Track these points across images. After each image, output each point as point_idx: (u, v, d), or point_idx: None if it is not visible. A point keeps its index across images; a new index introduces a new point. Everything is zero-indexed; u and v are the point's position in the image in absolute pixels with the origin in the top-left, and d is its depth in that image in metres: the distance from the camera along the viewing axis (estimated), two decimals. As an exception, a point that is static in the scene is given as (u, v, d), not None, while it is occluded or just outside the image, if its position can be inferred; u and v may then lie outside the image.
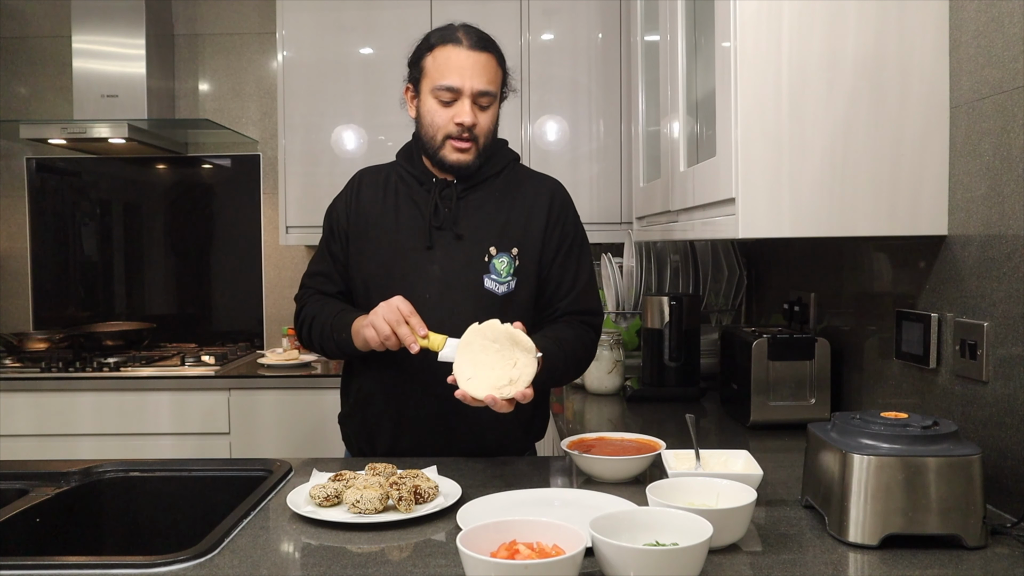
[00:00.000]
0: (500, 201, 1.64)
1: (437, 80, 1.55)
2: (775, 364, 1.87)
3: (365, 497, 1.22)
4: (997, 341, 1.30)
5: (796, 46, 1.40)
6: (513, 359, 1.33)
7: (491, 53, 1.57)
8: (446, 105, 1.56)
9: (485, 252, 1.59)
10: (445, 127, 1.56)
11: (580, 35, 3.06)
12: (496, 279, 1.59)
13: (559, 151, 3.07)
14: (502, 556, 0.96)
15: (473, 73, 1.54)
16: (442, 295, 1.58)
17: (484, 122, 1.58)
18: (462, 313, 1.54)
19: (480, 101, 1.56)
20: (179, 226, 3.61)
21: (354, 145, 3.10)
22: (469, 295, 1.58)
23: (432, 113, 1.57)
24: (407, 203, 1.64)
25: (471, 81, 1.54)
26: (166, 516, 1.51)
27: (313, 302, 1.68)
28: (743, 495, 1.12)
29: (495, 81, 1.58)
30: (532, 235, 1.63)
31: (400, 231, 1.62)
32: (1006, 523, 1.16)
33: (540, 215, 1.64)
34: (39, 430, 2.90)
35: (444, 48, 1.56)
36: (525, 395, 1.33)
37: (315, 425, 2.90)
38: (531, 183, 1.69)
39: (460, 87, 1.54)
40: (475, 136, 1.57)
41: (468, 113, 1.54)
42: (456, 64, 1.54)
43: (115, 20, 3.19)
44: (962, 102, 1.39)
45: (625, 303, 2.57)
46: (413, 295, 1.53)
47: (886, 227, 1.43)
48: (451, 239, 1.60)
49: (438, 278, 1.59)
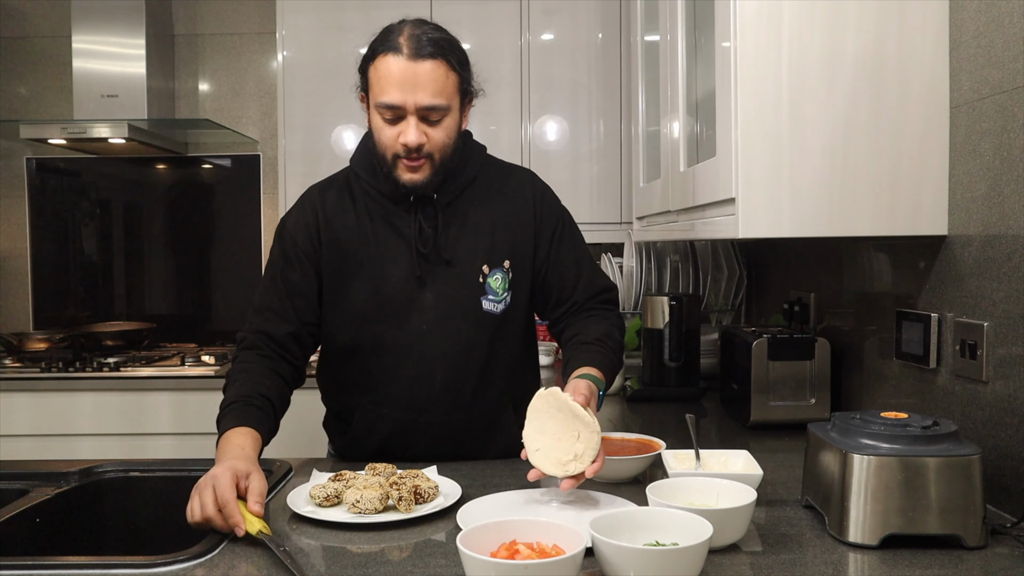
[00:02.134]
0: (481, 212, 1.53)
1: (378, 96, 1.40)
2: (775, 364, 1.87)
3: (365, 497, 1.22)
4: (997, 341, 1.30)
5: (796, 46, 1.40)
6: (576, 430, 1.26)
7: (438, 59, 1.38)
8: (391, 123, 1.41)
9: (479, 273, 1.51)
10: (392, 146, 1.42)
11: (580, 35, 3.06)
12: (494, 299, 1.51)
13: (559, 151, 3.07)
14: (502, 556, 0.96)
15: (415, 87, 1.37)
16: (439, 324, 1.50)
17: (437, 138, 1.42)
18: (462, 340, 1.50)
19: (429, 116, 1.40)
20: (179, 226, 3.61)
21: (354, 145, 3.09)
22: (468, 320, 1.51)
23: (379, 131, 1.43)
24: (384, 227, 1.50)
25: (413, 96, 1.37)
26: (166, 516, 1.51)
27: (241, 363, 1.47)
28: (743, 495, 1.12)
29: (444, 91, 1.40)
30: (522, 242, 1.55)
31: (384, 261, 1.49)
32: (1006, 523, 1.16)
33: (525, 217, 1.55)
34: (39, 430, 2.90)
35: (384, 58, 1.39)
36: (594, 469, 1.24)
37: (314, 425, 2.90)
38: (507, 181, 1.58)
39: (401, 104, 1.38)
40: (427, 153, 1.42)
41: (413, 132, 1.39)
42: (396, 78, 1.37)
43: (115, 20, 3.19)
44: (962, 102, 1.39)
45: (625, 303, 2.57)
46: (407, 328, 1.49)
47: (886, 227, 1.43)
48: (441, 266, 1.49)
49: (433, 306, 1.50)
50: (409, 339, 1.51)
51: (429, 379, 1.52)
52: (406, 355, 1.51)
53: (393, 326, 1.50)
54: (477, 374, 1.54)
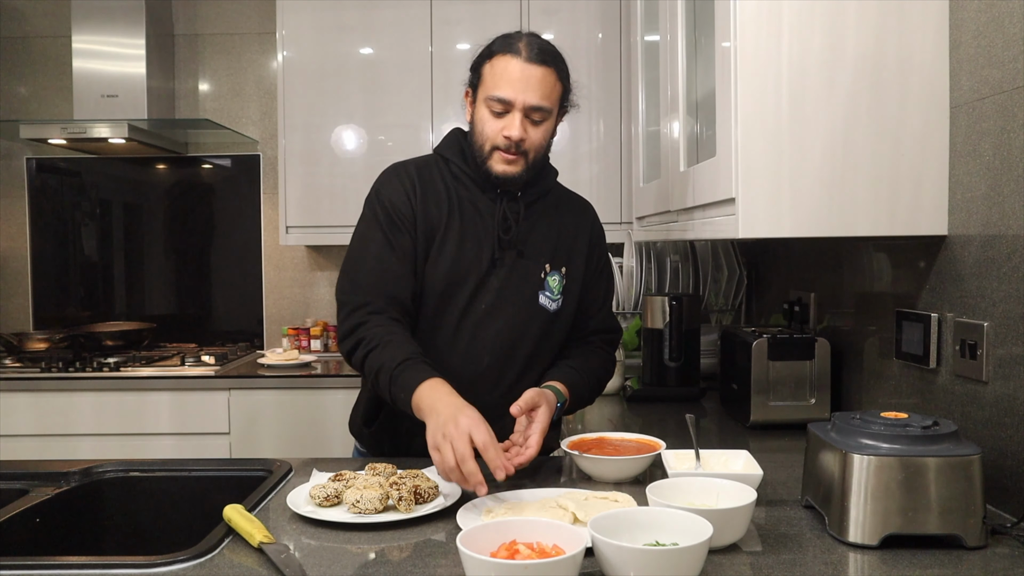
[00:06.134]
0: (551, 219, 1.65)
1: (491, 90, 1.51)
2: (775, 364, 1.87)
3: (365, 497, 1.22)
4: (997, 341, 1.30)
5: (796, 46, 1.40)
6: None
7: (550, 67, 1.51)
8: (497, 116, 1.52)
9: (541, 269, 1.61)
10: (494, 138, 1.53)
11: (580, 35, 3.06)
12: (550, 296, 1.61)
13: (559, 151, 3.04)
14: (502, 556, 0.96)
15: (527, 87, 1.49)
16: (497, 307, 1.58)
17: (535, 137, 1.54)
18: (515, 326, 1.59)
19: (532, 116, 1.52)
20: (179, 226, 3.61)
21: (354, 145, 3.10)
22: (523, 310, 1.59)
23: (483, 122, 1.54)
24: (471, 210, 1.59)
25: (524, 95, 1.49)
26: (166, 516, 1.51)
27: (376, 324, 1.48)
28: (743, 495, 1.12)
29: (551, 97, 1.52)
30: (577, 256, 1.66)
31: (466, 241, 1.58)
32: (1006, 523, 1.16)
33: (583, 237, 1.67)
34: (39, 430, 2.90)
35: (503, 58, 1.51)
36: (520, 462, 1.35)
37: (315, 425, 2.90)
38: (572, 204, 1.71)
39: (512, 100, 1.50)
40: (524, 151, 1.53)
41: (517, 127, 1.50)
42: (511, 76, 1.50)
43: (115, 20, 3.19)
44: (962, 102, 1.39)
45: (625, 303, 2.57)
46: (472, 306, 1.57)
47: (886, 227, 1.43)
48: (514, 255, 1.59)
49: (495, 290, 1.58)
50: (469, 317, 1.58)
51: (478, 358, 1.58)
52: (463, 331, 1.58)
53: (459, 302, 1.57)
54: (522, 362, 1.61)
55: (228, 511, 1.19)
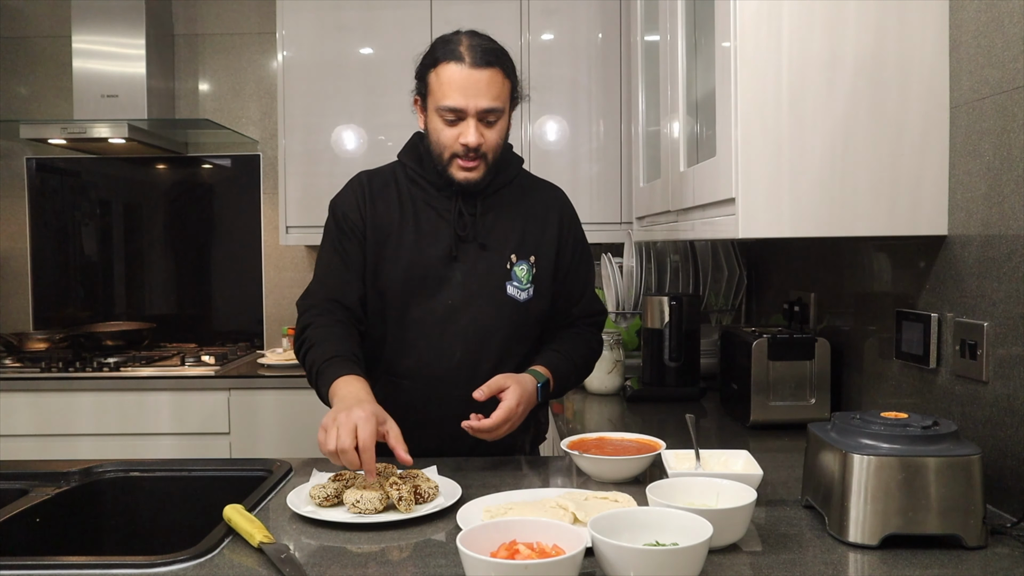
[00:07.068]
0: (515, 209, 1.65)
1: (440, 100, 1.52)
2: (775, 364, 1.87)
3: (365, 497, 1.22)
4: (997, 341, 1.30)
5: (796, 46, 1.40)
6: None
7: (496, 68, 1.52)
8: (451, 124, 1.53)
9: (507, 260, 1.61)
10: (451, 146, 1.54)
11: (580, 35, 3.06)
12: (518, 286, 1.61)
13: (559, 151, 3.07)
14: (502, 556, 0.96)
15: (477, 92, 1.50)
16: (464, 302, 1.59)
17: (492, 138, 1.55)
18: (485, 319, 1.59)
19: (487, 118, 1.53)
20: (179, 226, 3.61)
21: (354, 145, 3.10)
22: (491, 302, 1.60)
23: (438, 132, 1.55)
24: (425, 210, 1.62)
25: (475, 100, 1.50)
26: (166, 516, 1.51)
27: (319, 326, 1.55)
28: (743, 495, 1.12)
29: (501, 96, 1.54)
30: (546, 245, 1.65)
31: (422, 241, 1.60)
32: (1006, 523, 1.16)
33: (552, 226, 1.67)
34: (39, 430, 2.90)
35: (447, 66, 1.51)
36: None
37: (315, 425, 2.89)
38: (539, 192, 1.71)
39: (464, 108, 1.50)
40: (482, 154, 1.55)
41: (473, 134, 1.51)
42: (459, 84, 1.50)
43: (115, 20, 3.19)
44: (962, 102, 1.39)
45: (625, 303, 2.57)
46: (435, 303, 1.58)
47: (886, 227, 1.43)
48: (475, 248, 1.60)
49: (460, 284, 1.59)
50: (435, 313, 1.59)
51: (450, 352, 1.59)
52: (430, 328, 1.59)
53: (422, 300, 1.58)
54: (496, 354, 1.61)
55: (228, 511, 1.19)
